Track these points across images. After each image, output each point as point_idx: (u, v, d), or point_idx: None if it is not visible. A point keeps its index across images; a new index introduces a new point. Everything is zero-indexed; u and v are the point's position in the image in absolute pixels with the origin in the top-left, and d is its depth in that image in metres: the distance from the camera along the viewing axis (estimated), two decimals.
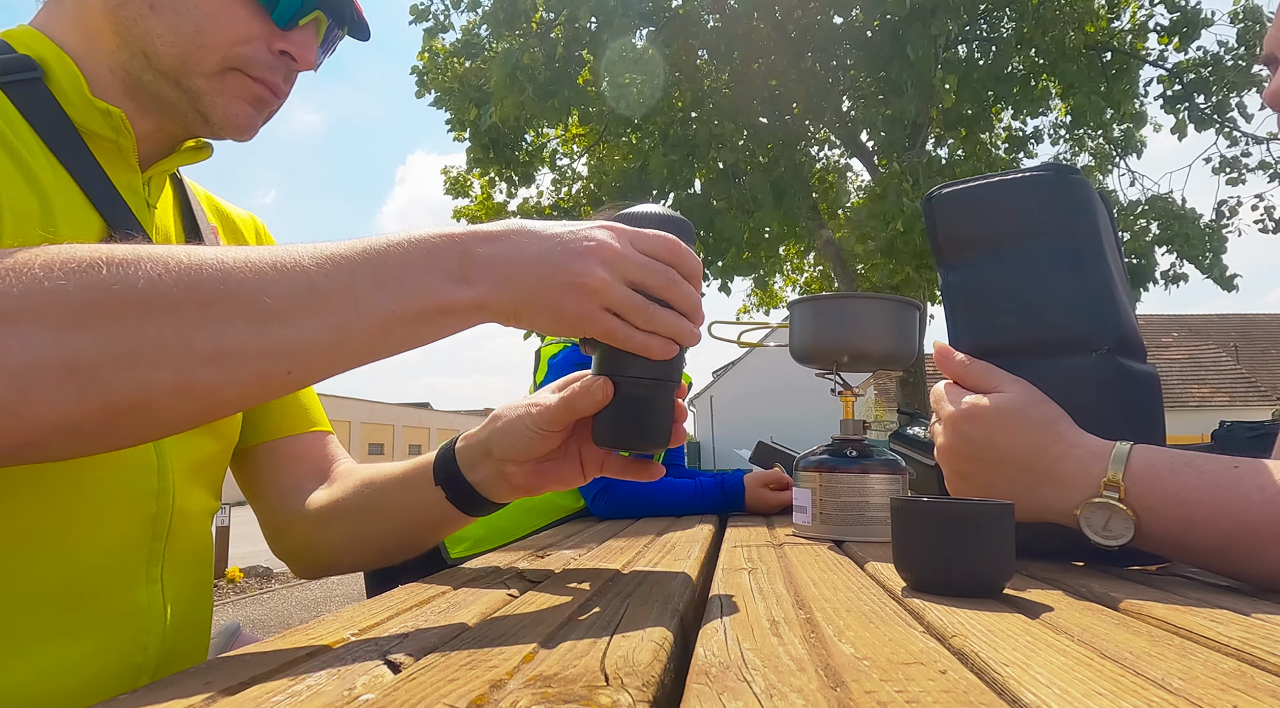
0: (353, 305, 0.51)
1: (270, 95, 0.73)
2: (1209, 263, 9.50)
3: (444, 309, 0.54)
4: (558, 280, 0.55)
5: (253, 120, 0.73)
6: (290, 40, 0.71)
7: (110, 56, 0.69)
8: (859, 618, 0.47)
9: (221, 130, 0.72)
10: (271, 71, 0.71)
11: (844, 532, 0.93)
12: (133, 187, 0.71)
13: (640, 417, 0.61)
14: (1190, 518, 0.59)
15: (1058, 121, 11.00)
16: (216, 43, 0.68)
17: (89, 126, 0.68)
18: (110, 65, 0.69)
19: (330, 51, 0.79)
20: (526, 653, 0.38)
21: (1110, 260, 0.73)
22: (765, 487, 1.50)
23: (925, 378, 10.04)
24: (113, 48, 0.69)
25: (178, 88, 0.69)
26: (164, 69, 0.68)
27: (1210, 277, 9.55)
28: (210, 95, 0.70)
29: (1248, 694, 0.30)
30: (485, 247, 0.55)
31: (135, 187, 0.72)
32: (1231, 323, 25.01)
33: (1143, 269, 9.57)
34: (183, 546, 0.71)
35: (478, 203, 11.63)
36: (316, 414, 0.91)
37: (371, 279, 0.52)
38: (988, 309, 0.74)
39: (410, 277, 0.53)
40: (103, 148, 0.69)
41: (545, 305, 0.56)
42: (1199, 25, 9.50)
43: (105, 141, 0.69)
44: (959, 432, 0.69)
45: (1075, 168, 0.76)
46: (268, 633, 0.56)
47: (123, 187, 0.70)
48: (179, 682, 0.36)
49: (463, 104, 9.67)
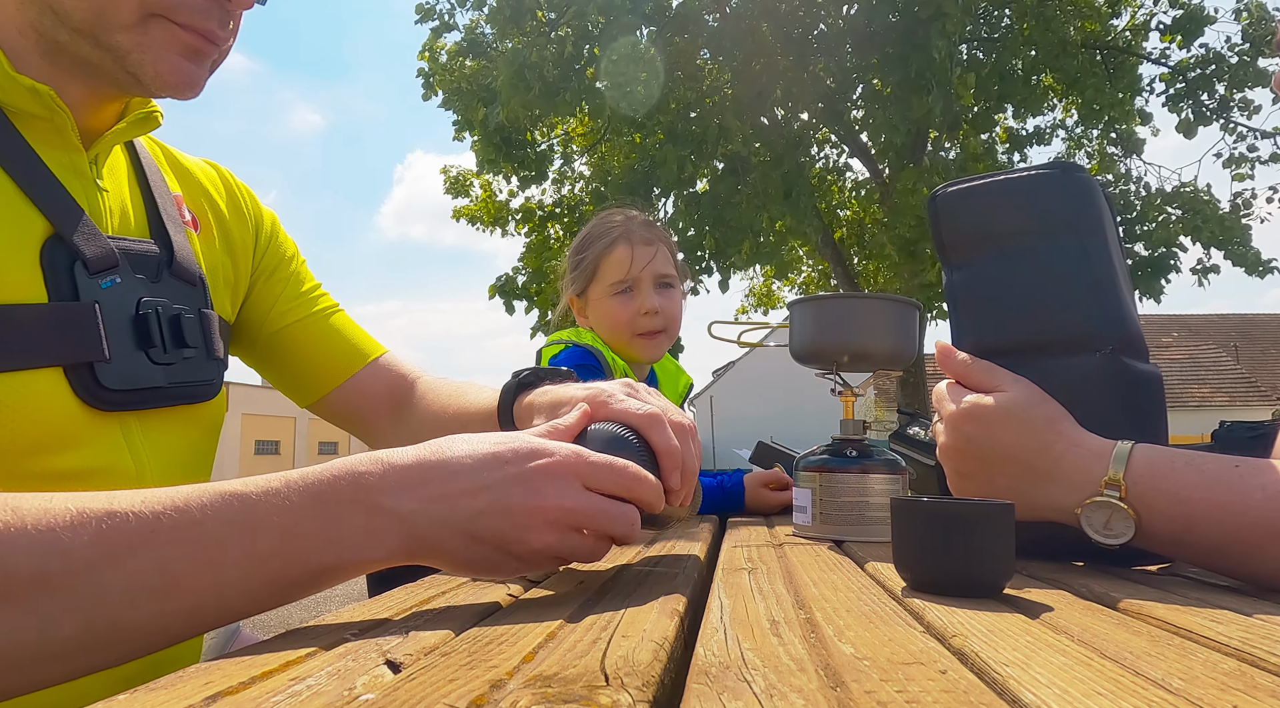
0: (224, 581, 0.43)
1: (206, 43, 0.63)
2: (1240, 252, 9.45)
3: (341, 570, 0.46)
4: (509, 549, 0.49)
5: (192, 75, 0.64)
6: None
7: (15, 15, 0.60)
8: (859, 618, 0.47)
9: (158, 89, 0.64)
10: (203, 17, 0.62)
11: (844, 532, 0.93)
12: (76, 167, 0.65)
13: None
14: (1191, 516, 0.59)
15: (1058, 121, 11.00)
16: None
17: (17, 105, 0.61)
18: (18, 27, 0.61)
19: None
20: (526, 653, 0.38)
21: (1115, 259, 0.73)
22: (765, 487, 1.50)
23: (925, 378, 10.05)
24: (15, 5, 0.60)
25: (98, 46, 0.60)
26: (77, 25, 0.60)
27: (1242, 266, 9.46)
28: (136, 52, 0.61)
29: (1248, 694, 0.30)
30: (398, 500, 0.46)
31: (80, 167, 0.65)
32: (1231, 323, 25.00)
33: (1163, 260, 9.51)
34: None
35: (478, 203, 11.63)
36: (366, 345, 0.91)
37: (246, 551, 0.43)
38: (992, 308, 0.74)
39: (297, 544, 0.44)
40: (36, 128, 0.62)
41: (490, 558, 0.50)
42: (1202, 23, 9.49)
43: (38, 120, 0.62)
44: (961, 431, 0.69)
45: (1080, 166, 0.76)
46: (268, 633, 0.56)
47: (65, 169, 0.64)
48: (179, 682, 0.36)
49: (471, 104, 9.67)
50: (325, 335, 0.90)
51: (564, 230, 11.14)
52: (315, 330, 0.89)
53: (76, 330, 0.62)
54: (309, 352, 0.89)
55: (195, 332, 0.72)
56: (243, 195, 0.88)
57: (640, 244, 1.54)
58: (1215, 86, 9.71)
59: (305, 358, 0.89)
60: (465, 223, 11.72)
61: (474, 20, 9.95)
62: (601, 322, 1.57)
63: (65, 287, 0.61)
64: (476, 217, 11.62)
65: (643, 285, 1.53)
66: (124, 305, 0.66)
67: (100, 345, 0.63)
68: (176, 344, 0.70)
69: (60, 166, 0.64)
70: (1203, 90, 9.77)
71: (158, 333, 0.68)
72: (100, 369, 0.63)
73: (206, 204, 0.82)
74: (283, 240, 0.91)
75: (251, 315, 0.87)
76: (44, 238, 0.61)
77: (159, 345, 0.68)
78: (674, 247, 1.64)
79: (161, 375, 0.69)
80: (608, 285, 1.54)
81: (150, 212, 0.73)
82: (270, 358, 0.89)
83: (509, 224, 11.43)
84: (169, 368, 0.69)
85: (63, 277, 0.61)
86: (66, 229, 0.62)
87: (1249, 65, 9.42)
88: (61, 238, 0.62)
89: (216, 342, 0.76)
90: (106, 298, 0.64)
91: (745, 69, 9.19)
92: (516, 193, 11.24)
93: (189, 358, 0.71)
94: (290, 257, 0.91)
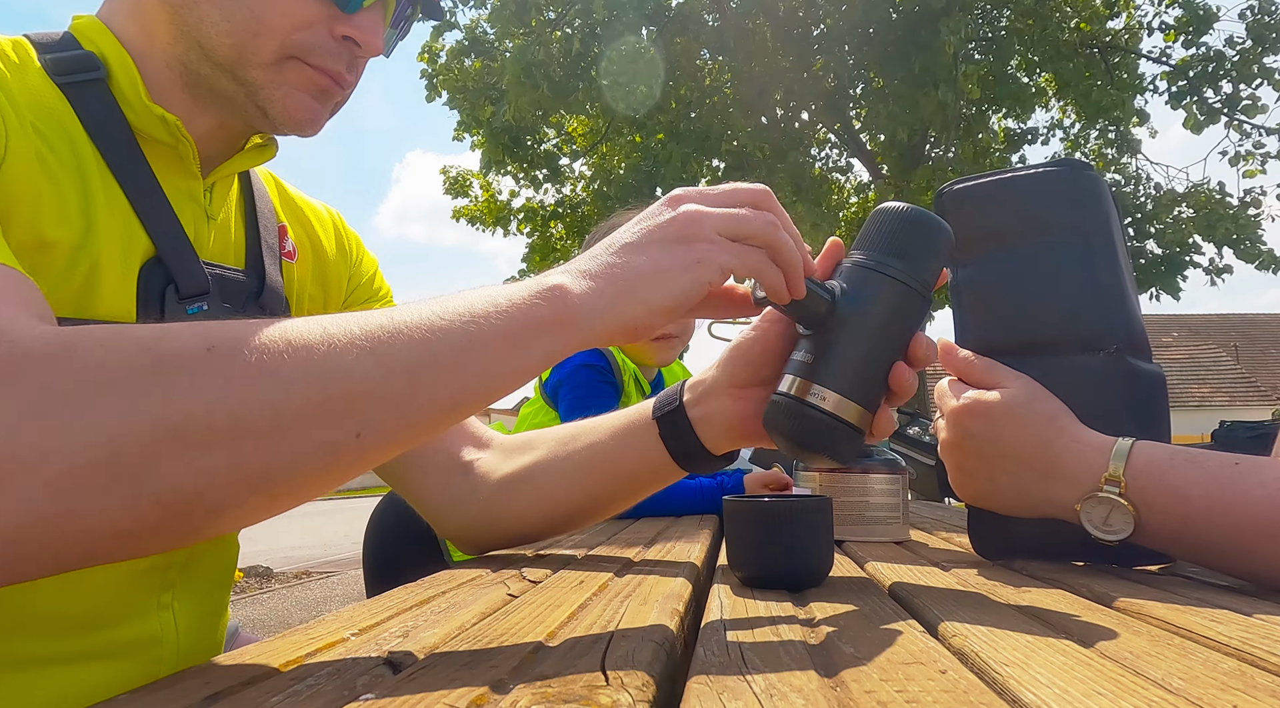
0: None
1: (333, 85, 0.67)
2: (1251, 249, 9.43)
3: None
4: (671, 262, 0.51)
5: (315, 113, 0.68)
6: (354, 24, 0.65)
7: (167, 49, 0.65)
8: (859, 618, 0.47)
9: (283, 126, 0.68)
10: (334, 59, 0.66)
11: (844, 532, 0.93)
12: (192, 194, 0.68)
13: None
14: (1190, 513, 0.59)
15: (1056, 121, 10.99)
16: (273, 29, 0.63)
17: (148, 131, 0.65)
18: (167, 59, 0.66)
19: (403, 34, 0.73)
20: (526, 653, 0.38)
21: (1120, 258, 0.73)
22: (765, 487, 1.50)
23: (925, 378, 10.04)
24: (169, 40, 0.65)
25: (234, 80, 0.65)
26: (220, 60, 0.64)
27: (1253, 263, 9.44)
28: (269, 88, 0.65)
29: (1248, 694, 0.30)
30: (579, 282, 0.51)
31: (195, 194, 0.69)
32: (1231, 323, 25.00)
33: (1178, 258, 9.48)
34: (199, 568, 0.70)
35: (479, 203, 11.62)
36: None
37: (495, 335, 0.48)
38: (997, 306, 0.74)
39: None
40: (161, 153, 0.66)
41: (666, 283, 0.51)
42: (1209, 21, 9.47)
43: (164, 147, 0.66)
44: (961, 427, 0.69)
45: (1088, 163, 0.76)
46: (268, 633, 0.57)
47: (181, 195, 0.67)
48: (179, 682, 0.36)
49: (477, 103, 9.64)
50: None
51: (566, 230, 11.13)
52: None
53: None
54: None
55: None
56: (348, 238, 0.89)
57: None
58: (1220, 83, 9.69)
59: None
60: (465, 223, 11.71)
61: (475, 19, 9.95)
62: None
63: (154, 309, 0.64)
64: (477, 217, 11.61)
65: None
66: None
67: None
68: None
69: (176, 191, 0.67)
70: (1206, 86, 9.75)
71: None
72: None
73: (308, 239, 0.83)
74: (379, 281, 0.92)
75: None
76: (145, 258, 0.64)
77: None
78: None
79: None
80: None
81: (251, 241, 0.75)
82: None
83: (510, 224, 11.42)
84: None
85: (154, 299, 0.64)
86: (167, 252, 0.64)
87: (1251, 63, 9.40)
88: (161, 260, 0.64)
89: None
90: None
91: (745, 69, 9.19)
92: (518, 193, 11.23)
93: None
94: (382, 295, 0.91)
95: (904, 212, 0.57)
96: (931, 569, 0.68)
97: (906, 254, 0.56)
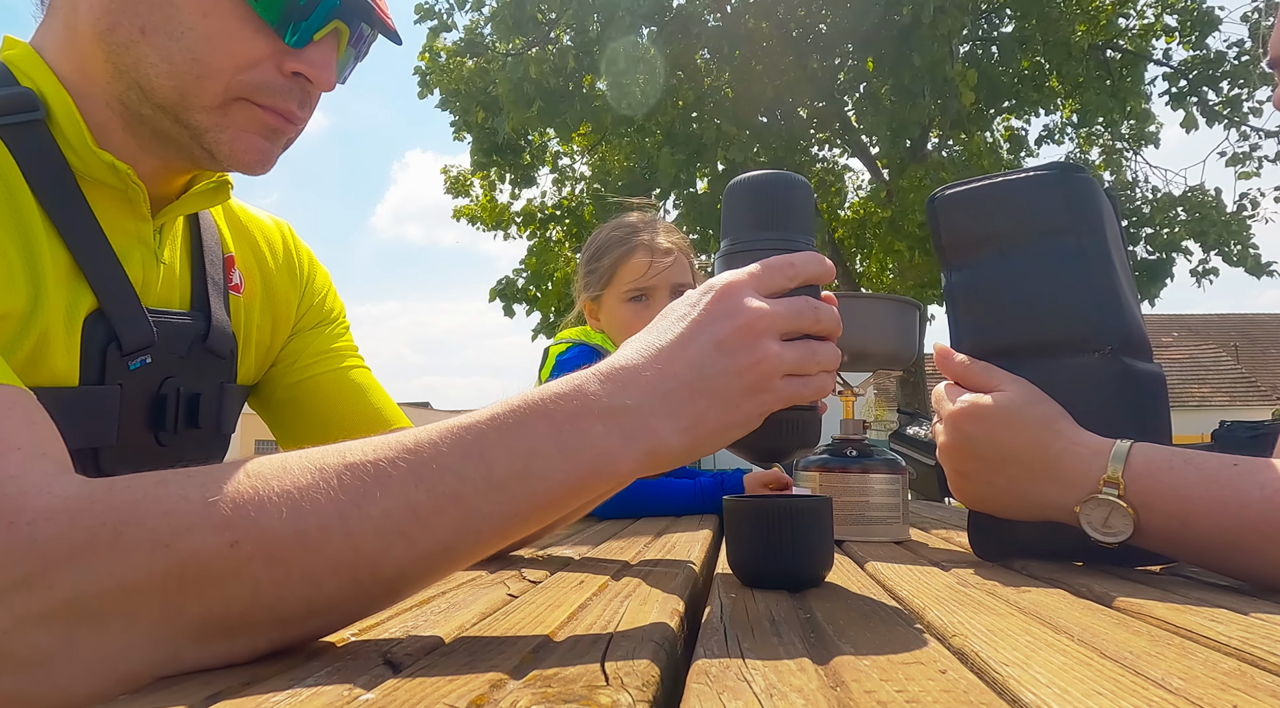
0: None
1: (284, 123, 0.64)
2: (1239, 254, 9.47)
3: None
4: (730, 382, 0.46)
5: (266, 154, 0.64)
6: (305, 59, 0.62)
7: (105, 88, 0.61)
8: (859, 618, 0.47)
9: (230, 166, 0.65)
10: (285, 97, 0.62)
11: (844, 532, 0.93)
12: (141, 237, 0.65)
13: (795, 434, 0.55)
14: (1190, 515, 0.59)
15: (1064, 121, 10.98)
16: (217, 70, 0.59)
17: (92, 176, 0.61)
18: (106, 98, 0.61)
19: (360, 58, 0.69)
20: (526, 653, 0.38)
21: (1116, 259, 0.73)
22: (765, 487, 1.50)
23: (925, 378, 10.04)
24: (106, 79, 0.61)
25: (178, 123, 0.61)
26: (161, 103, 0.60)
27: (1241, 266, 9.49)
28: (214, 131, 0.61)
29: (1248, 694, 0.30)
30: (624, 396, 0.45)
31: (145, 236, 0.66)
32: (1231, 323, 24.99)
33: (1162, 264, 9.53)
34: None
35: (479, 203, 11.62)
36: (390, 412, 0.86)
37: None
38: (991, 309, 0.74)
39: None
40: (107, 196, 0.63)
41: (723, 417, 0.47)
42: (1212, 24, 9.50)
43: (111, 189, 0.63)
44: (960, 430, 0.69)
45: (1081, 166, 0.76)
46: None
47: (129, 239, 0.64)
48: (178, 682, 0.36)
49: (469, 106, 9.65)
50: (348, 392, 0.87)
51: (565, 232, 11.14)
52: (337, 385, 0.86)
53: (94, 419, 0.62)
54: (327, 406, 0.85)
55: (210, 411, 0.73)
56: (298, 255, 0.87)
57: (659, 252, 1.53)
58: (1220, 84, 9.70)
59: (322, 412, 0.86)
60: (465, 223, 11.71)
61: (474, 22, 9.95)
62: (614, 327, 1.56)
63: (95, 368, 0.62)
64: (477, 217, 11.62)
65: (658, 294, 1.52)
66: (147, 387, 0.67)
67: (111, 432, 0.64)
68: (189, 424, 0.71)
69: (125, 235, 0.64)
70: (1206, 87, 9.77)
71: (172, 415, 0.69)
72: (104, 452, 0.64)
73: (257, 264, 0.81)
74: (330, 301, 0.90)
75: (278, 368, 0.86)
76: (88, 312, 0.61)
77: (169, 428, 0.69)
78: (692, 254, 1.63)
79: (165, 456, 0.69)
80: (623, 291, 1.54)
81: (196, 279, 0.73)
82: (287, 410, 0.86)
83: (510, 227, 11.42)
84: (173, 447, 0.70)
85: (95, 358, 0.62)
86: (110, 306, 0.62)
87: (1251, 64, 9.42)
88: (104, 314, 0.62)
89: (228, 419, 0.77)
90: (132, 379, 0.65)
91: (745, 69, 9.19)
92: (518, 195, 11.24)
93: (195, 436, 0.72)
94: (334, 317, 0.90)
95: (746, 183, 0.55)
96: (931, 569, 0.68)
97: (770, 221, 0.54)
